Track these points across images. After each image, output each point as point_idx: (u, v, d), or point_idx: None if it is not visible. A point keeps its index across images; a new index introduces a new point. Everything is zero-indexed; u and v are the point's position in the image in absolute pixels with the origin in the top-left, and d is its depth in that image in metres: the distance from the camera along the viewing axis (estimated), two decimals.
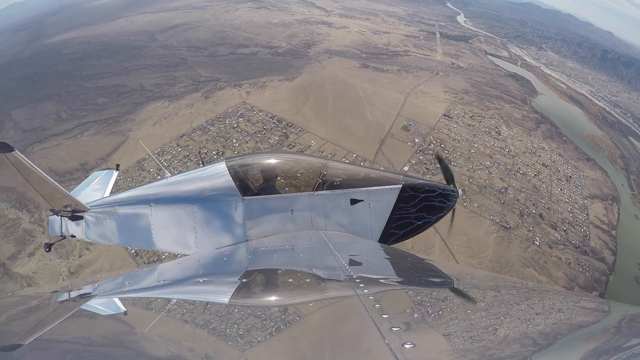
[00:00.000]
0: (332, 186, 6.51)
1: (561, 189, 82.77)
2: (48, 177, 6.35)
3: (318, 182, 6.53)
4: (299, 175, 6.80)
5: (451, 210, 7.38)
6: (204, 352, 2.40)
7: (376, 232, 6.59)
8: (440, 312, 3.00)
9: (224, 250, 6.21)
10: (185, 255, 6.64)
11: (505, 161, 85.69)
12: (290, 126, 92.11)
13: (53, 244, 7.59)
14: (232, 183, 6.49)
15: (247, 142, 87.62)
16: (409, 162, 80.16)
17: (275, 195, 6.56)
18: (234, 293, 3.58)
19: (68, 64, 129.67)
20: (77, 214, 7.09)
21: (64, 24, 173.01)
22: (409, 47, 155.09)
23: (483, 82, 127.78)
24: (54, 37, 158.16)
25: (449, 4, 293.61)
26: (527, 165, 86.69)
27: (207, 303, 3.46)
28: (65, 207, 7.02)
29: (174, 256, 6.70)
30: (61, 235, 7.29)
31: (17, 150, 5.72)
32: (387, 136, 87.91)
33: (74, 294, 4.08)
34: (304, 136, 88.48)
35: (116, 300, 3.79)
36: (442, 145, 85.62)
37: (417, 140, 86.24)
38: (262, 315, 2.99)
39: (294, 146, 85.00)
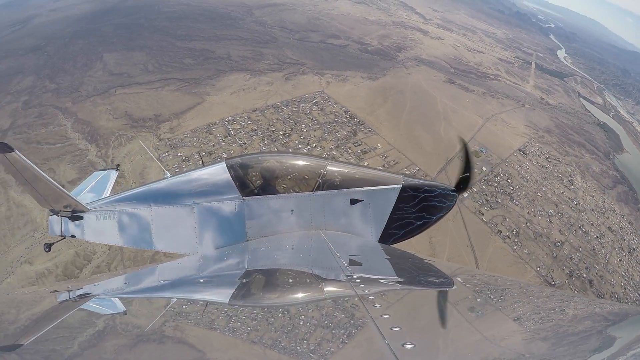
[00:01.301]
0: (332, 186, 6.52)
1: (620, 260, 76.39)
2: (48, 177, 6.42)
3: (318, 182, 6.52)
4: (299, 175, 6.81)
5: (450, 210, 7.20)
6: (203, 352, 2.40)
7: (376, 232, 6.59)
8: (442, 312, 3.03)
9: (224, 251, 6.27)
10: (185, 255, 6.73)
11: (569, 214, 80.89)
12: (361, 124, 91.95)
13: (53, 244, 7.73)
14: (232, 183, 6.53)
15: (315, 130, 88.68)
16: (471, 188, 77.50)
17: (275, 195, 6.58)
18: (233, 293, 3.60)
19: (165, 21, 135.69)
20: (77, 214, 7.21)
21: None
22: (500, 72, 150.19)
23: (568, 125, 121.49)
24: None
25: (552, 36, 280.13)
26: (592, 225, 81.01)
27: (207, 303, 3.49)
28: (65, 207, 7.14)
29: (174, 256, 6.74)
30: (61, 236, 7.44)
31: (16, 151, 5.76)
32: (455, 157, 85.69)
33: (73, 294, 4.10)
34: (372, 137, 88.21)
35: (116, 300, 3.86)
36: (509, 180, 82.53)
37: (484, 169, 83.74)
38: (262, 316, 3.01)
39: (360, 145, 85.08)
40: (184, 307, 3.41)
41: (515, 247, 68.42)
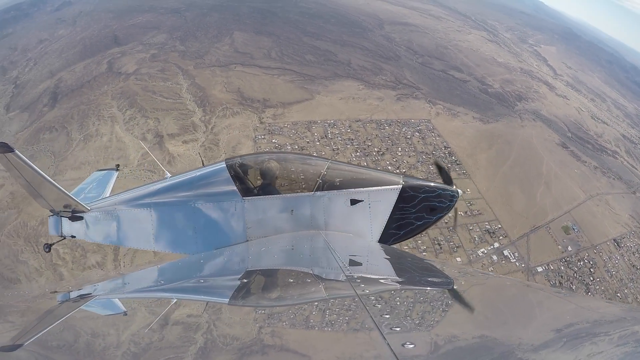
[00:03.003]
0: (332, 186, 6.52)
1: None
2: (48, 177, 6.40)
3: (318, 182, 6.52)
4: (299, 175, 6.81)
5: (453, 210, 7.24)
6: (203, 353, 2.37)
7: (376, 232, 6.60)
8: (441, 312, 3.06)
9: (224, 251, 6.30)
10: (185, 255, 6.85)
11: None
12: (457, 164, 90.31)
13: (53, 244, 7.76)
14: (232, 183, 6.55)
15: (409, 157, 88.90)
16: (548, 265, 74.13)
17: (276, 195, 6.60)
18: (234, 293, 3.61)
19: (298, 15, 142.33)
20: (77, 214, 7.20)
21: None
22: (619, 149, 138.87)
23: None
24: None
25: None
26: None
27: (207, 303, 3.49)
28: (66, 207, 7.10)
29: (174, 256, 6.96)
30: (61, 236, 7.44)
31: (17, 151, 5.73)
32: (542, 227, 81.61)
33: (74, 294, 4.14)
34: (464, 180, 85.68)
35: (116, 300, 3.91)
36: (592, 270, 76.27)
37: (569, 249, 78.37)
38: (262, 316, 3.05)
39: None
40: (184, 307, 3.48)
41: None
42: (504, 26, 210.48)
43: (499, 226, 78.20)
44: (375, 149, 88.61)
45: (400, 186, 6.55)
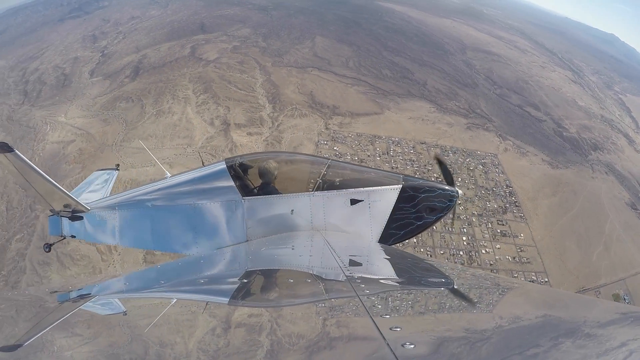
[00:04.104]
0: (332, 186, 6.52)
1: None
2: (48, 177, 6.40)
3: (318, 182, 6.52)
4: (299, 175, 6.90)
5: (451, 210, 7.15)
6: (203, 353, 2.36)
7: (376, 232, 6.58)
8: (441, 312, 3.03)
9: (224, 251, 6.26)
10: (185, 255, 6.84)
11: None
12: (516, 206, 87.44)
13: (53, 244, 7.76)
14: (232, 183, 6.56)
15: (468, 189, 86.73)
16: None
17: (275, 195, 6.59)
18: (234, 293, 3.61)
19: (382, 29, 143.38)
20: (77, 214, 7.22)
21: None
22: None
23: None
24: (386, 1, 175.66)
25: None
26: None
27: (207, 303, 3.45)
28: (66, 207, 7.12)
29: (174, 256, 7.00)
30: (61, 236, 7.47)
31: (16, 150, 5.70)
32: (591, 290, 77.23)
33: (74, 294, 4.13)
34: (519, 224, 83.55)
35: (116, 300, 3.87)
36: None
37: None
38: (262, 316, 3.03)
39: (504, 225, 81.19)
40: (184, 307, 3.44)
41: None
42: (591, 68, 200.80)
43: (546, 280, 75.15)
44: (435, 175, 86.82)
45: (400, 186, 6.55)
